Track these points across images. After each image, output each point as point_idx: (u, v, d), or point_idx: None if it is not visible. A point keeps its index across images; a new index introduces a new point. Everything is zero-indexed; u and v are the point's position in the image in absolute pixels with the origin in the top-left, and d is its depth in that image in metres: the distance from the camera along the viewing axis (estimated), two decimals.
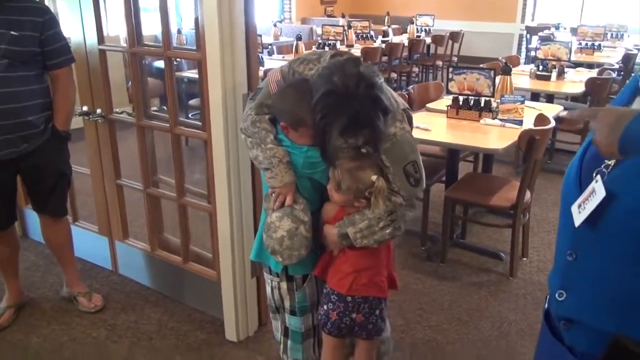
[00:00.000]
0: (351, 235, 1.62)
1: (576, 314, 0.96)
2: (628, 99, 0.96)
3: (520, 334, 2.63)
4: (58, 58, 2.39)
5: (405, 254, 3.36)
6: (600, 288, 0.91)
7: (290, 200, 1.65)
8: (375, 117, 1.45)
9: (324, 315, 1.73)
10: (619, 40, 7.62)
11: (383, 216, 1.59)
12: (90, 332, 2.61)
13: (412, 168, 1.61)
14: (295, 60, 1.67)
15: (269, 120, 1.66)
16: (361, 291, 1.68)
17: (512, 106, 3.35)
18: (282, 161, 1.62)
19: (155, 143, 2.87)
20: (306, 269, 1.76)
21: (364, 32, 7.70)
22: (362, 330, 1.72)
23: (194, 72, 4.70)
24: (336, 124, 1.43)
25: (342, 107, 1.42)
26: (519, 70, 5.24)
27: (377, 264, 1.71)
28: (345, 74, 1.43)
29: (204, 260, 2.70)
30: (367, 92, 1.43)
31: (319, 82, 1.47)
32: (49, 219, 2.66)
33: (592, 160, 0.96)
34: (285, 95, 1.61)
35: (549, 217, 3.93)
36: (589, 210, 0.89)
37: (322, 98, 1.43)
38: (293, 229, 1.64)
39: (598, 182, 0.89)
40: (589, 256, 0.93)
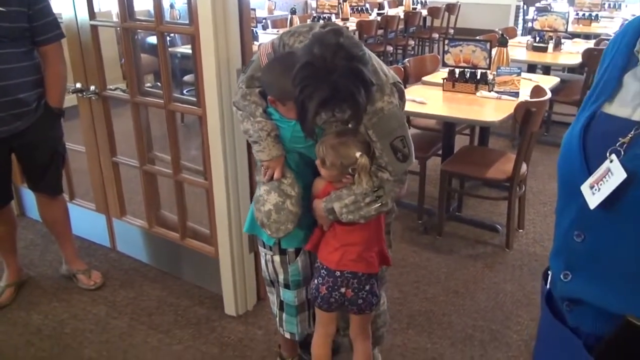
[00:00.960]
0: (337, 210, 1.61)
1: (583, 295, 0.94)
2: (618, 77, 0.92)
3: (517, 304, 2.66)
4: (47, 34, 2.35)
5: (402, 227, 3.38)
6: (613, 270, 0.89)
7: (278, 174, 1.66)
8: (355, 89, 1.38)
9: (315, 289, 1.75)
10: (616, 10, 7.54)
11: (369, 192, 1.58)
12: (91, 309, 2.63)
13: (401, 143, 1.58)
14: (286, 33, 1.64)
15: (259, 94, 1.65)
16: (350, 266, 1.69)
17: (509, 78, 3.33)
18: (270, 135, 1.62)
19: (150, 120, 2.86)
20: (299, 243, 1.78)
21: (359, 5, 7.61)
22: (352, 305, 1.74)
23: (187, 48, 4.65)
24: (315, 96, 1.38)
25: (321, 79, 1.37)
26: (516, 41, 5.19)
27: (366, 240, 1.71)
28: (324, 44, 1.37)
29: (201, 237, 2.71)
30: (347, 63, 1.36)
31: (300, 54, 1.43)
32: (44, 197, 2.66)
33: (601, 137, 0.91)
34: (272, 68, 1.60)
35: (545, 189, 3.94)
36: (607, 192, 0.85)
37: (300, 70, 1.39)
38: (280, 203, 1.65)
39: (614, 161, 0.85)
40: (601, 237, 0.90)
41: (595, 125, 0.93)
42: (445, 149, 3.45)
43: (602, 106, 0.94)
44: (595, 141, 0.91)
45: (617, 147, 0.87)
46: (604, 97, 0.94)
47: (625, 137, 0.87)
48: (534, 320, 2.52)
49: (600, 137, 0.91)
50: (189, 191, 2.76)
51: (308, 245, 1.77)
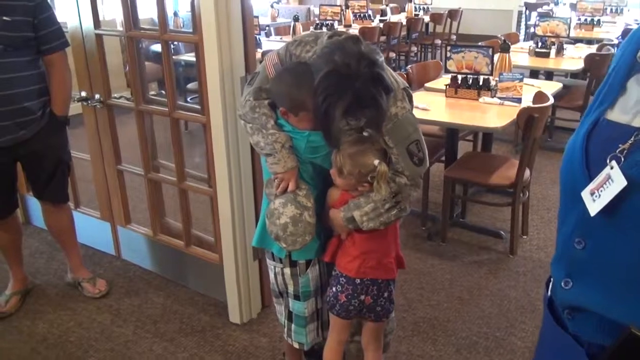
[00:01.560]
0: (357, 219, 1.61)
1: (585, 303, 0.92)
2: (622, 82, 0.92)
3: (521, 310, 2.66)
4: (52, 42, 2.37)
5: (406, 234, 3.38)
6: (615, 277, 0.87)
7: (293, 185, 1.64)
8: (379, 95, 1.41)
9: (333, 297, 1.74)
10: (618, 15, 7.55)
11: (388, 198, 1.58)
12: (96, 317, 2.63)
13: (416, 147, 1.59)
14: (292, 43, 1.64)
15: (268, 105, 1.64)
16: (369, 274, 1.69)
17: (511, 84, 3.33)
18: (285, 146, 1.60)
19: (154, 128, 2.87)
20: (309, 254, 1.76)
21: (362, 12, 7.63)
22: (370, 312, 1.74)
23: (191, 56, 4.67)
24: (340, 104, 1.39)
25: (345, 87, 1.38)
26: (518, 47, 5.21)
27: (384, 246, 1.71)
28: (346, 52, 1.39)
29: (205, 244, 2.72)
30: (369, 70, 1.39)
31: (319, 62, 1.44)
32: (50, 205, 2.67)
33: (603, 143, 0.90)
34: (283, 79, 1.59)
35: (549, 195, 3.94)
36: (607, 198, 0.84)
37: (323, 79, 1.40)
38: (297, 215, 1.63)
39: (614, 168, 0.84)
40: (602, 245, 0.89)
41: (598, 131, 0.93)
42: (448, 155, 3.45)
43: (605, 112, 0.93)
44: (597, 147, 0.91)
45: (617, 153, 0.86)
46: (606, 103, 0.94)
47: (625, 143, 0.86)
48: (538, 327, 2.50)
49: (601, 144, 0.90)
50: (193, 199, 2.77)
51: (326, 257, 1.76)
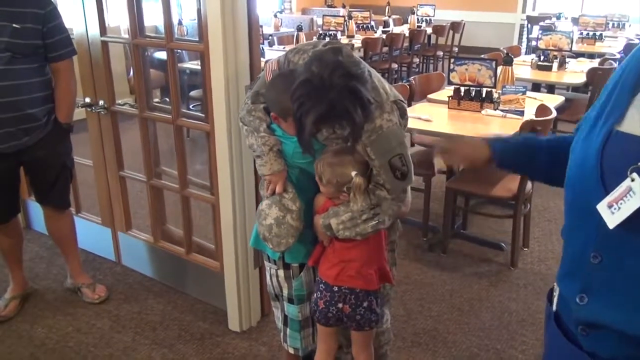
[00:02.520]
0: (333, 227, 1.62)
1: (603, 319, 0.90)
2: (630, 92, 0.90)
3: (522, 323, 2.65)
4: (60, 50, 2.38)
5: (407, 244, 3.37)
6: (636, 292, 0.86)
7: (280, 188, 1.68)
8: (352, 107, 1.39)
9: (314, 303, 1.76)
10: (620, 29, 7.59)
11: (366, 209, 1.59)
12: (95, 323, 2.63)
13: (399, 161, 1.57)
14: (291, 50, 1.67)
15: (263, 109, 1.68)
16: (347, 282, 1.70)
17: (514, 97, 3.35)
18: (272, 149, 1.65)
19: (157, 134, 2.88)
20: (303, 258, 1.79)
21: (365, 23, 7.67)
22: (350, 321, 1.74)
23: (194, 64, 4.70)
24: (312, 113, 1.40)
25: (317, 97, 1.38)
26: (520, 60, 5.23)
27: (365, 257, 1.71)
28: (323, 62, 1.39)
29: (206, 251, 2.72)
30: (344, 81, 1.37)
31: (300, 71, 1.45)
32: (52, 210, 2.67)
33: (619, 155, 0.88)
34: (274, 85, 1.62)
35: (550, 207, 3.94)
36: (627, 211, 0.82)
37: (298, 87, 1.41)
38: (280, 217, 1.66)
39: (635, 180, 0.82)
40: (621, 259, 0.87)
41: (612, 144, 0.90)
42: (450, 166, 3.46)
43: (616, 125, 0.91)
44: (612, 160, 0.88)
45: (638, 165, 0.84)
46: (615, 116, 0.92)
47: None
48: (539, 340, 2.51)
49: (617, 156, 0.88)
50: (194, 206, 2.77)
51: (310, 261, 1.78)
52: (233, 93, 2.21)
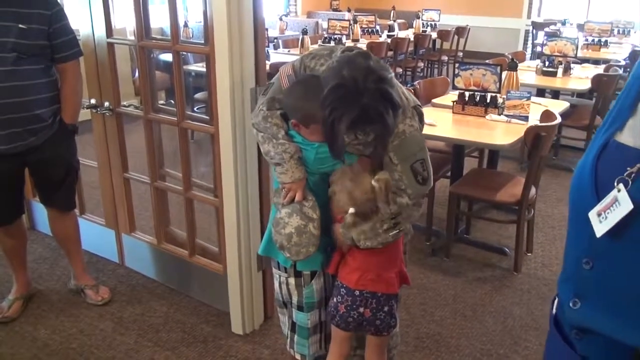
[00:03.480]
0: (355, 237, 1.62)
1: (593, 324, 0.93)
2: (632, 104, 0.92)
3: (525, 328, 2.64)
4: (66, 51, 2.39)
5: (410, 249, 3.31)
6: (623, 299, 0.88)
7: (300, 196, 1.64)
8: (385, 111, 1.41)
9: (333, 307, 1.74)
10: (625, 36, 7.58)
11: (387, 219, 1.59)
12: (98, 325, 2.63)
13: (420, 166, 1.60)
14: (307, 55, 1.66)
15: (280, 116, 1.65)
16: (368, 286, 1.69)
17: (518, 102, 3.34)
18: (294, 157, 1.62)
19: (162, 136, 2.89)
20: (315, 265, 1.76)
21: (370, 27, 7.68)
22: (370, 325, 1.73)
23: (199, 66, 4.71)
24: (345, 118, 1.40)
25: (351, 101, 1.39)
26: (525, 66, 5.22)
27: (386, 261, 1.71)
28: (354, 67, 1.40)
29: (210, 254, 2.72)
30: (376, 85, 1.39)
31: (329, 76, 1.45)
32: (57, 212, 2.68)
33: (612, 165, 0.91)
34: (294, 91, 1.60)
35: (554, 213, 3.93)
36: (613, 221, 0.85)
37: (331, 92, 1.41)
38: (302, 226, 1.64)
39: (621, 191, 0.85)
40: (609, 266, 0.89)
41: (607, 153, 0.93)
42: (454, 171, 3.45)
43: (615, 134, 0.93)
44: (606, 169, 0.91)
45: (624, 176, 0.86)
46: (616, 125, 0.93)
47: (633, 166, 0.86)
48: (542, 346, 2.49)
49: (610, 166, 0.90)
50: (198, 208, 2.78)
51: (330, 269, 1.76)
52: (238, 96, 2.21)
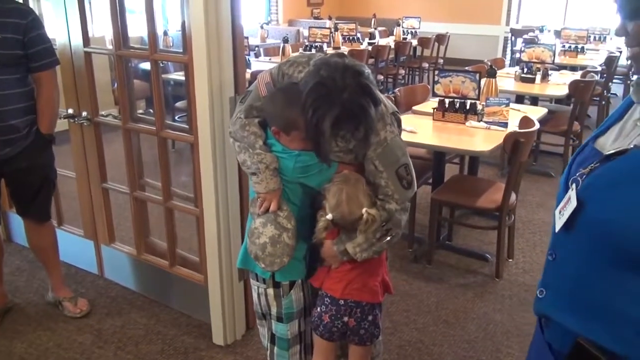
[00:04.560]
0: (350, 251, 1.62)
1: (549, 312, 1.00)
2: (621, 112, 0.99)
3: (507, 334, 2.65)
4: (42, 60, 2.36)
5: (393, 255, 3.37)
6: (570, 289, 0.95)
7: (274, 206, 1.64)
8: (367, 104, 1.43)
9: (317, 317, 1.73)
10: (601, 42, 7.71)
11: (378, 227, 1.59)
12: (76, 338, 2.58)
13: (404, 171, 1.62)
14: (284, 63, 1.65)
15: (258, 124, 1.64)
16: (354, 295, 1.68)
17: (498, 109, 3.38)
18: (269, 167, 1.61)
19: (141, 146, 2.86)
20: (293, 276, 1.75)
21: (351, 34, 7.72)
22: (354, 335, 1.72)
23: (180, 75, 4.68)
24: (328, 116, 1.41)
25: (332, 98, 1.40)
26: (504, 72, 5.28)
27: (371, 269, 1.70)
28: (331, 66, 1.42)
29: (190, 264, 2.69)
30: (355, 80, 1.42)
31: (308, 79, 1.46)
32: (33, 222, 2.63)
33: (577, 166, 0.99)
34: (275, 99, 1.60)
35: (534, 219, 3.97)
36: (565, 217, 0.93)
37: (310, 92, 1.42)
38: (276, 236, 1.64)
39: (573, 190, 0.93)
40: (563, 258, 0.97)
41: (582, 154, 1.01)
42: (435, 177, 3.47)
43: (597, 137, 1.00)
44: (575, 169, 0.99)
45: (577, 176, 0.95)
46: (601, 129, 1.00)
47: (586, 168, 0.94)
48: (523, 352, 2.51)
49: (577, 166, 0.99)
50: (178, 218, 2.75)
51: (317, 283, 1.75)
52: (217, 104, 2.20)
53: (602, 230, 0.87)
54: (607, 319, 0.89)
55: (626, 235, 0.83)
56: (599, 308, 0.90)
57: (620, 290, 0.87)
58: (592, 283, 0.91)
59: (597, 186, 0.90)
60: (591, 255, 0.90)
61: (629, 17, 0.87)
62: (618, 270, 0.87)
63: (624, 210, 0.84)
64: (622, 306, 0.87)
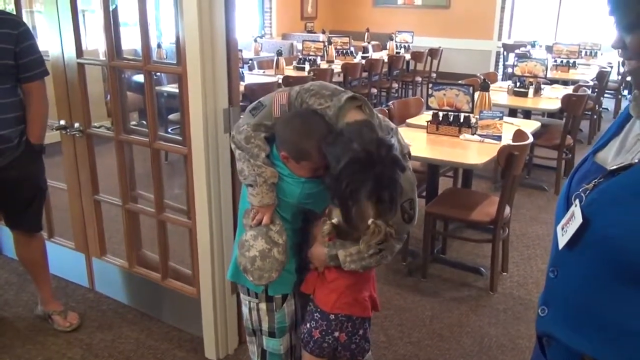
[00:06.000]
0: (341, 258, 1.62)
1: (552, 330, 0.98)
2: (618, 126, 0.98)
3: (502, 348, 2.63)
4: (32, 71, 2.35)
5: (387, 269, 3.35)
6: (574, 307, 0.93)
7: (267, 220, 1.63)
8: (397, 176, 1.48)
9: (307, 333, 1.71)
10: (593, 57, 7.79)
11: (373, 245, 1.58)
12: (66, 352, 2.54)
13: (409, 205, 1.63)
14: (306, 90, 1.63)
15: (264, 139, 1.64)
16: (344, 309, 1.66)
17: (491, 122, 3.39)
18: (267, 182, 1.60)
19: (134, 157, 2.84)
20: (286, 289, 1.74)
21: (344, 48, 7.76)
22: (345, 350, 1.70)
23: (173, 87, 4.68)
24: (363, 190, 1.44)
25: (367, 173, 1.43)
26: (497, 86, 5.31)
27: (361, 282, 1.69)
28: (365, 140, 1.45)
29: (183, 277, 2.66)
30: (388, 154, 1.46)
31: (339, 147, 1.48)
32: (23, 235, 2.60)
33: (578, 181, 0.97)
34: (292, 125, 1.59)
35: (528, 232, 3.96)
36: (570, 234, 0.91)
37: (346, 167, 1.44)
38: (266, 250, 1.63)
39: (577, 206, 0.92)
40: (567, 275, 0.95)
41: (582, 168, 0.99)
42: (429, 190, 3.47)
43: (597, 151, 0.99)
44: (576, 184, 0.97)
45: (580, 192, 0.93)
46: (600, 143, 0.99)
47: (589, 183, 0.92)
48: None
49: (578, 181, 0.97)
50: (171, 230, 2.72)
51: (308, 288, 1.73)
52: (211, 116, 2.19)
53: (610, 247, 0.85)
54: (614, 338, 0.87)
55: (634, 251, 0.81)
56: (606, 326, 0.88)
57: (629, 308, 0.85)
58: (598, 300, 0.89)
59: (602, 202, 0.89)
60: (597, 271, 0.88)
61: (627, 30, 0.86)
62: (626, 287, 0.85)
63: (631, 225, 0.82)
64: (631, 324, 0.85)
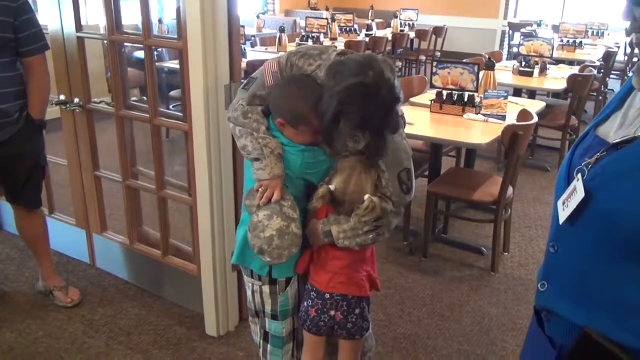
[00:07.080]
0: (334, 234, 1.59)
1: (552, 305, 0.98)
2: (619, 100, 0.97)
3: (502, 328, 2.64)
4: (32, 45, 2.31)
5: (388, 248, 3.35)
6: (575, 281, 0.93)
7: (278, 195, 1.57)
8: (386, 125, 1.46)
9: (304, 312, 1.71)
10: (599, 37, 7.69)
11: (369, 221, 1.56)
12: (67, 327, 2.55)
13: (406, 175, 1.61)
14: (294, 53, 1.60)
15: (261, 112, 1.60)
16: (339, 288, 1.66)
17: (495, 101, 3.35)
18: (274, 152, 1.55)
19: (134, 134, 2.82)
20: (290, 272, 1.72)
21: (348, 26, 7.67)
22: (341, 329, 1.70)
23: (175, 63, 4.62)
24: (356, 116, 1.41)
25: (365, 102, 1.40)
26: (502, 65, 5.25)
27: (357, 262, 1.67)
28: (382, 76, 1.42)
29: (183, 254, 2.66)
30: (391, 102, 1.44)
31: (350, 65, 1.44)
32: (23, 210, 2.59)
33: (580, 156, 0.96)
34: (286, 90, 1.55)
35: (530, 213, 3.95)
36: (571, 208, 0.91)
37: (349, 87, 1.40)
38: (284, 227, 1.57)
39: (579, 180, 0.91)
40: (567, 250, 0.95)
41: (584, 143, 0.98)
42: (431, 170, 3.45)
43: (598, 125, 0.98)
44: (577, 159, 0.97)
45: (582, 166, 0.92)
46: (601, 117, 0.98)
47: (592, 157, 0.92)
48: (519, 346, 2.49)
49: (579, 156, 0.96)
50: (172, 207, 2.71)
51: (299, 268, 1.71)
52: (212, 92, 2.16)
53: (612, 221, 0.84)
54: (615, 311, 0.87)
55: (637, 225, 0.81)
56: (607, 300, 0.88)
57: (630, 281, 0.85)
58: (599, 274, 0.89)
59: (605, 175, 0.88)
60: (599, 246, 0.88)
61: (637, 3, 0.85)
62: (628, 260, 0.84)
63: (634, 199, 0.81)
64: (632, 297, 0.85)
